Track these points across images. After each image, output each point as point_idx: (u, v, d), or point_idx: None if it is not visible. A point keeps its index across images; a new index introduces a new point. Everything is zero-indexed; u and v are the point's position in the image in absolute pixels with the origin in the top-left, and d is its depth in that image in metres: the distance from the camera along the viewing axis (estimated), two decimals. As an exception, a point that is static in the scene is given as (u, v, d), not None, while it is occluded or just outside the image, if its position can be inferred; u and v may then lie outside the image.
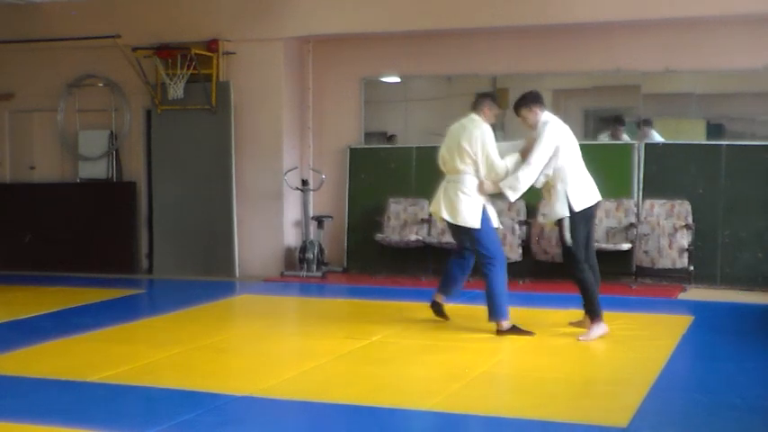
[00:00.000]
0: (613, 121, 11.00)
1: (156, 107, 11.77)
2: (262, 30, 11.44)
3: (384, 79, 11.83)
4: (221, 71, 11.57)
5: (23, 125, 12.78)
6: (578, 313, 7.84)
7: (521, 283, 10.35)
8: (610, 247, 10.23)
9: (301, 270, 11.28)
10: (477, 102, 7.86)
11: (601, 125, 11.25)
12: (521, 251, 10.50)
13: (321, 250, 11.43)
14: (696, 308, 8.99)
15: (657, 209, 10.37)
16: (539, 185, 7.66)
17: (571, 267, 7.60)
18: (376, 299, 9.74)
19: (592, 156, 10.83)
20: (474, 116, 7.76)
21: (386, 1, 11.04)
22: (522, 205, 10.73)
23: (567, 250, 7.57)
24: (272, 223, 11.59)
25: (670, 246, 10.04)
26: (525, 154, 7.59)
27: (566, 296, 9.57)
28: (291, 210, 11.65)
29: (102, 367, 6.60)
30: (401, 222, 11.28)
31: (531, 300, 9.39)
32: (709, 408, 5.56)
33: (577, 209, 7.48)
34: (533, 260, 10.51)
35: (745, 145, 10.36)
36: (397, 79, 11.84)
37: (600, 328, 7.51)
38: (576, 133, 11.32)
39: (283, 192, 11.51)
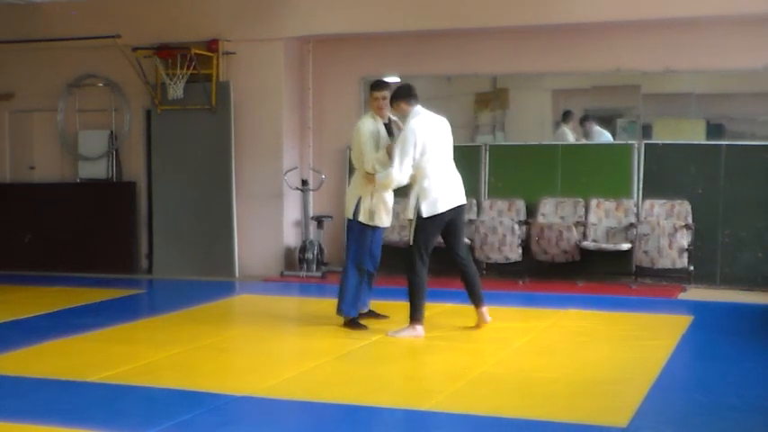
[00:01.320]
0: (582, 119, 11.19)
1: (156, 107, 11.77)
2: (262, 30, 11.44)
3: (384, 79, 11.80)
4: (221, 71, 11.57)
5: (23, 125, 12.78)
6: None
7: (521, 283, 10.37)
8: (610, 247, 10.24)
9: (301, 270, 11.28)
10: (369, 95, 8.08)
11: (601, 124, 11.27)
12: (520, 251, 10.50)
13: (321, 250, 11.43)
14: (696, 308, 9.00)
15: (657, 209, 10.38)
16: (406, 181, 7.60)
17: (407, 267, 7.66)
18: (376, 299, 9.73)
19: (592, 156, 10.98)
20: (366, 111, 8.11)
21: (386, 1, 11.03)
22: (522, 205, 10.74)
23: (408, 249, 7.65)
24: (271, 223, 11.59)
25: (670, 246, 10.04)
26: (390, 149, 7.68)
27: (566, 296, 9.60)
28: (291, 210, 11.66)
29: (102, 367, 6.60)
30: (401, 222, 11.26)
31: (531, 300, 9.40)
32: (708, 408, 5.56)
33: (425, 215, 7.46)
34: (533, 260, 10.51)
35: (745, 145, 10.37)
36: (397, 79, 11.83)
37: (413, 331, 7.52)
38: (576, 133, 11.45)
39: (283, 192, 11.51)
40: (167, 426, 5.22)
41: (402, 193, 8.00)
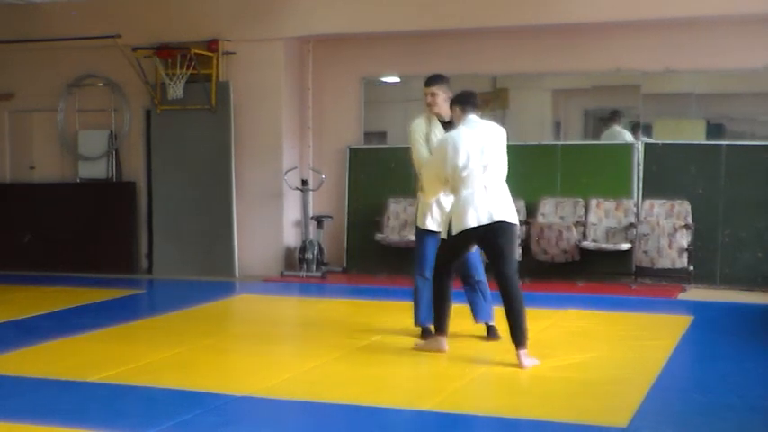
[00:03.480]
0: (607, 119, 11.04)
1: (156, 107, 11.77)
2: (262, 30, 11.44)
3: (384, 79, 11.84)
4: (221, 71, 11.57)
5: (23, 125, 12.79)
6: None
7: (520, 283, 10.33)
8: (609, 247, 10.24)
9: (301, 270, 11.29)
10: None
11: (600, 124, 11.27)
12: (520, 251, 10.49)
13: (321, 250, 11.43)
14: (696, 308, 9.00)
15: (657, 209, 10.38)
16: (434, 191, 7.14)
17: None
18: (376, 299, 9.74)
19: (592, 156, 10.97)
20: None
21: (386, 1, 11.03)
22: (522, 205, 10.74)
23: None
24: (271, 223, 11.59)
25: (670, 246, 10.04)
26: None
27: (565, 296, 9.60)
28: (291, 210, 11.66)
29: (102, 367, 6.60)
30: (401, 222, 11.28)
31: (531, 300, 9.35)
32: (708, 408, 5.56)
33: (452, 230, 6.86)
34: (533, 260, 10.51)
35: (745, 145, 10.37)
36: (396, 79, 11.85)
37: (435, 343, 7.03)
38: (576, 133, 11.46)
39: (283, 192, 11.51)
40: (167, 426, 5.22)
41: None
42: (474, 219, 6.66)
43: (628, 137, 10.79)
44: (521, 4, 10.55)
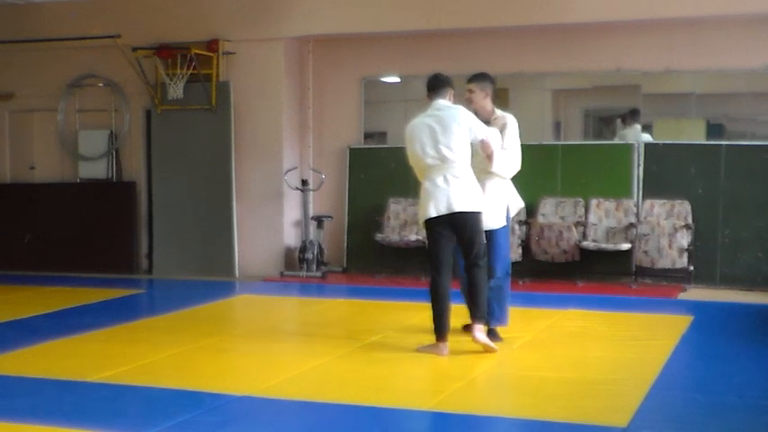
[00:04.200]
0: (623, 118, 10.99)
1: (156, 107, 11.77)
2: (262, 30, 11.44)
3: (384, 79, 11.83)
4: (221, 71, 11.57)
5: (23, 125, 12.79)
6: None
7: (520, 283, 10.35)
8: (610, 247, 10.24)
9: (301, 270, 11.29)
10: None
11: (600, 125, 11.27)
12: (520, 251, 10.51)
13: (321, 250, 11.43)
14: (696, 308, 9.00)
15: (657, 209, 10.38)
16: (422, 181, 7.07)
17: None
18: (376, 299, 9.74)
19: (592, 156, 10.97)
20: None
21: (386, 1, 11.04)
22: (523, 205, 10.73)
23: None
24: (271, 223, 11.59)
25: (670, 246, 10.04)
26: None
27: (565, 296, 9.60)
28: (291, 210, 11.66)
29: (102, 367, 6.60)
30: (401, 222, 11.28)
31: (531, 300, 9.38)
32: (708, 408, 5.56)
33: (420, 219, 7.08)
34: (533, 260, 10.51)
35: (745, 145, 10.37)
36: (397, 79, 11.85)
37: (435, 348, 6.92)
38: (576, 133, 11.46)
39: (283, 192, 11.51)
40: (167, 426, 5.22)
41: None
42: (433, 209, 6.77)
43: (646, 136, 10.73)
44: (521, 4, 10.55)
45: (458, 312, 7.29)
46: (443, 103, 6.94)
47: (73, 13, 12.09)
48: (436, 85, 6.99)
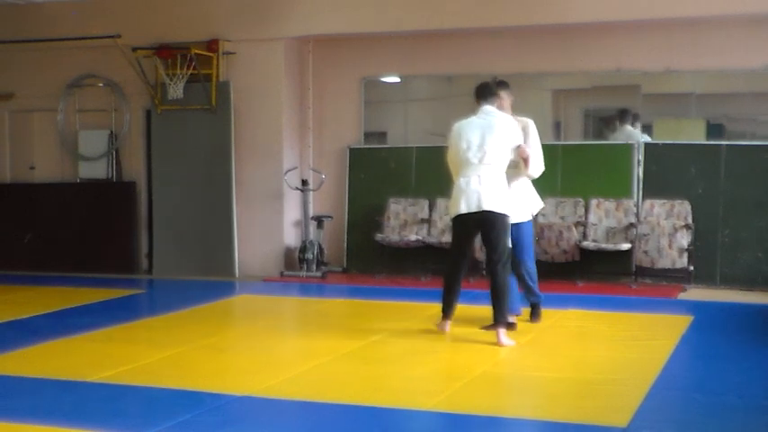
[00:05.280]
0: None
1: (156, 107, 11.77)
2: (262, 30, 11.45)
3: (384, 79, 11.83)
4: (221, 71, 11.57)
5: (23, 125, 12.79)
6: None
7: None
8: (610, 247, 10.24)
9: (301, 270, 11.29)
10: None
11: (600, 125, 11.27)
12: (521, 251, 10.49)
13: (321, 250, 11.43)
14: (696, 308, 8.99)
15: (657, 209, 10.38)
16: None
17: None
18: (376, 299, 9.74)
19: (592, 156, 10.96)
20: None
21: (386, 1, 11.03)
22: (522, 205, 10.74)
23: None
24: (271, 223, 11.59)
25: (670, 246, 10.04)
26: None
27: (566, 296, 9.60)
28: (291, 210, 11.66)
29: (102, 367, 6.60)
30: (401, 222, 11.28)
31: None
32: (708, 408, 5.56)
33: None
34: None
35: (745, 145, 10.37)
36: (397, 79, 11.84)
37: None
38: (576, 133, 11.46)
39: (283, 192, 11.51)
40: (167, 426, 5.22)
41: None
42: (464, 205, 7.26)
43: (644, 136, 10.71)
44: (521, 4, 10.54)
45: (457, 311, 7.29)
46: (491, 109, 7.49)
47: (73, 13, 12.09)
48: (485, 93, 7.54)
